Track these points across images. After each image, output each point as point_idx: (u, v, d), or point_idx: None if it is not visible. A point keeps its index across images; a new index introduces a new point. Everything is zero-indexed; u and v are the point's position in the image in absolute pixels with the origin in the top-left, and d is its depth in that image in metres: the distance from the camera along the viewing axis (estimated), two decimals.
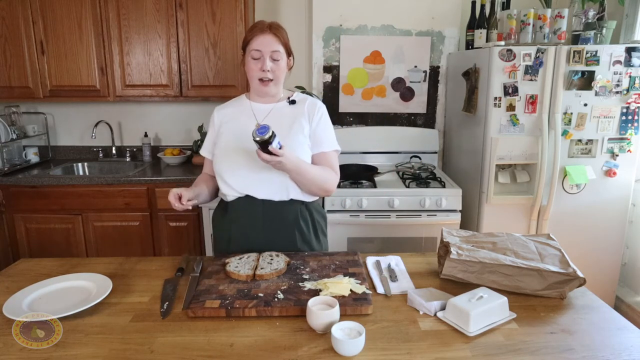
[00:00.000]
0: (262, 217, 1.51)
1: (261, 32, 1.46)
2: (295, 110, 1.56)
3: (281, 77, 1.52)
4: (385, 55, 3.03)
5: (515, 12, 2.55)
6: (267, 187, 1.50)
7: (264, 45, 1.45)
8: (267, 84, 1.49)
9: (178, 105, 3.17)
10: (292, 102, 1.57)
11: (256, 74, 1.48)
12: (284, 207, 1.52)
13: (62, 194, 2.66)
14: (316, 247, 1.61)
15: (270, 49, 1.46)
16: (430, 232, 2.50)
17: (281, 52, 1.48)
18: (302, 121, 1.53)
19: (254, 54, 1.46)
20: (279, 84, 1.54)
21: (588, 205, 2.51)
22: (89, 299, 1.20)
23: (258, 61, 1.47)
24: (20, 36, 2.74)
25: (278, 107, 1.56)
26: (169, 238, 2.74)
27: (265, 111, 1.55)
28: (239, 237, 1.54)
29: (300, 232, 1.56)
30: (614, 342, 1.05)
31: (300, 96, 1.61)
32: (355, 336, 0.99)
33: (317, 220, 1.62)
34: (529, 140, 2.41)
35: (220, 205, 1.63)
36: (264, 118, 1.54)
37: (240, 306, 1.14)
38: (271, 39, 1.46)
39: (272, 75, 1.48)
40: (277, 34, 1.47)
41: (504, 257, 1.28)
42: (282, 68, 1.50)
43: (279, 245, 1.51)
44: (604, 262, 2.58)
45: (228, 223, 1.56)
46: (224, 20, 2.75)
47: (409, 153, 3.04)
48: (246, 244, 1.52)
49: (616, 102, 2.38)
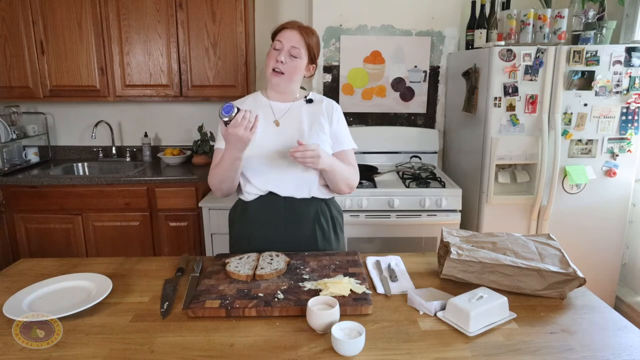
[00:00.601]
0: (284, 215, 1.53)
1: (291, 27, 1.49)
2: (313, 109, 1.58)
3: (294, 75, 1.51)
4: (385, 55, 3.03)
5: (515, 12, 2.55)
6: (290, 185, 1.52)
7: (286, 38, 1.47)
8: (277, 75, 1.49)
9: (178, 105, 3.17)
10: (309, 100, 1.59)
11: (271, 63, 1.49)
12: (305, 204, 1.55)
13: (62, 194, 2.66)
14: (334, 244, 1.63)
15: (291, 44, 1.47)
16: (430, 232, 2.50)
17: (301, 52, 1.48)
18: (321, 120, 1.55)
19: (275, 45, 1.49)
20: (291, 82, 1.52)
21: (588, 205, 2.51)
22: (89, 299, 1.20)
23: (277, 52, 1.48)
24: (20, 36, 2.74)
25: (296, 106, 1.57)
26: (169, 238, 2.74)
27: (284, 110, 1.56)
28: (260, 236, 1.54)
29: (321, 228, 1.58)
30: (614, 342, 1.05)
31: (317, 96, 1.62)
32: (355, 336, 0.99)
33: (335, 216, 1.64)
34: (529, 140, 2.41)
35: (239, 206, 1.63)
36: (282, 116, 1.55)
37: (240, 306, 1.14)
38: (297, 36, 1.48)
39: (284, 68, 1.47)
40: (304, 33, 1.49)
41: (504, 257, 1.28)
42: (297, 67, 1.50)
43: (300, 243, 1.53)
44: (604, 262, 2.58)
45: (249, 222, 1.57)
46: (224, 20, 2.75)
47: (409, 153, 3.04)
48: (267, 243, 1.52)
49: (616, 102, 2.38)
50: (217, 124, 1.49)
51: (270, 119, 1.54)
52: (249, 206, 1.57)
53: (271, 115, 1.55)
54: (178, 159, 3.01)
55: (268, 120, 1.54)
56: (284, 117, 1.55)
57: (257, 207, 1.55)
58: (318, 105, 1.59)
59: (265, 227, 1.54)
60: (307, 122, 1.54)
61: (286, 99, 1.58)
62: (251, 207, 1.57)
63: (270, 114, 1.55)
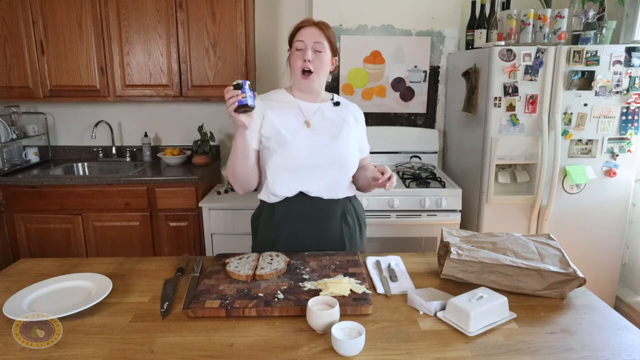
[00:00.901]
0: (312, 215, 1.54)
1: (308, 24, 1.50)
2: (340, 112, 1.59)
3: (322, 71, 1.51)
4: (385, 55, 3.03)
5: (515, 12, 2.55)
6: (320, 185, 1.52)
7: (307, 36, 1.48)
8: (307, 75, 1.49)
9: (178, 105, 3.17)
10: (336, 103, 1.61)
11: (299, 65, 1.49)
12: (332, 204, 1.56)
13: (62, 194, 2.66)
14: (359, 243, 1.64)
15: (313, 40, 1.47)
16: (430, 232, 2.50)
17: (324, 45, 1.49)
18: (350, 123, 1.58)
19: (297, 45, 1.49)
20: (320, 79, 1.53)
21: (588, 205, 2.51)
22: (89, 299, 1.20)
23: (301, 52, 1.48)
24: (20, 36, 2.74)
25: (324, 107, 1.58)
26: (169, 238, 2.74)
27: (313, 110, 1.56)
28: (287, 237, 1.54)
29: (348, 227, 1.59)
30: (614, 342, 1.05)
31: (342, 99, 1.64)
32: (355, 336, 0.99)
33: (360, 214, 1.66)
34: (529, 140, 2.41)
35: (264, 209, 1.59)
36: (312, 116, 1.55)
37: (240, 306, 1.14)
38: (316, 31, 1.49)
39: (313, 66, 1.48)
40: (323, 28, 1.50)
41: (504, 257, 1.28)
42: (324, 61, 1.50)
43: (327, 242, 1.54)
44: (604, 262, 2.58)
45: (276, 224, 1.55)
46: (224, 20, 2.75)
47: (409, 153, 3.04)
48: (295, 244, 1.53)
49: (616, 102, 2.38)
50: (217, 124, 1.49)
51: (301, 119, 1.54)
52: (276, 208, 1.55)
53: (301, 116, 1.55)
54: (178, 159, 3.01)
55: (299, 121, 1.53)
56: (313, 118, 1.55)
57: (284, 208, 1.54)
58: (345, 108, 1.61)
59: (294, 228, 1.54)
60: (337, 124, 1.56)
61: (314, 99, 1.58)
62: (278, 208, 1.55)
63: (300, 115, 1.55)
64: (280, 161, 1.48)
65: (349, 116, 1.59)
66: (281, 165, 1.49)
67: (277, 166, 1.49)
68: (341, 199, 1.58)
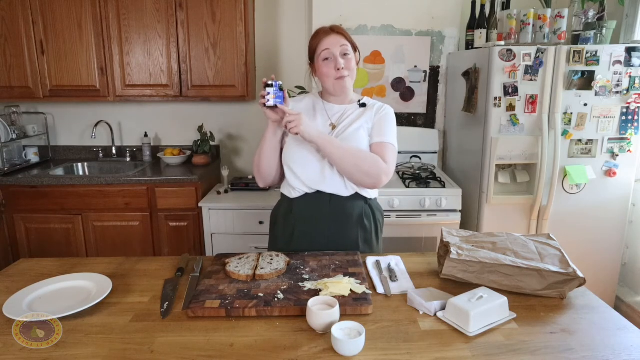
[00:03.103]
0: (329, 213, 1.54)
1: (326, 34, 1.52)
2: (364, 112, 1.59)
3: (354, 72, 1.55)
4: (385, 55, 3.03)
5: (515, 12, 2.55)
6: (336, 182, 1.52)
7: (331, 44, 1.49)
8: (343, 79, 1.51)
9: (178, 105, 3.17)
10: (362, 105, 1.60)
11: (332, 74, 1.51)
12: (349, 204, 1.55)
13: (62, 194, 2.66)
14: (375, 247, 1.63)
15: (339, 46, 1.50)
16: (430, 232, 2.50)
17: (349, 47, 1.51)
18: (367, 119, 1.57)
19: (324, 54, 1.50)
20: (354, 78, 1.56)
21: (588, 205, 2.51)
22: (89, 299, 1.20)
23: (330, 61, 1.50)
24: (20, 36, 2.74)
25: (349, 109, 1.59)
26: (169, 238, 2.74)
27: (339, 112, 1.59)
28: (303, 235, 1.56)
29: (364, 230, 1.58)
30: (614, 342, 1.05)
31: (370, 100, 1.63)
32: (355, 336, 0.99)
33: (377, 218, 1.64)
34: (529, 140, 2.41)
35: (283, 204, 1.64)
36: (337, 119, 1.57)
37: (240, 306, 1.14)
38: (337, 37, 1.51)
39: (347, 71, 1.51)
40: (341, 32, 1.53)
41: (504, 257, 1.28)
42: (353, 63, 1.54)
43: (343, 243, 1.54)
44: (604, 262, 2.58)
45: (293, 220, 1.58)
46: (224, 20, 2.75)
47: (409, 153, 3.04)
48: (309, 242, 1.54)
49: (616, 102, 2.38)
50: (217, 124, 1.51)
51: (327, 121, 1.58)
52: (295, 203, 1.58)
53: (327, 119, 1.58)
54: (178, 159, 3.01)
55: (325, 123, 1.57)
56: (338, 120, 1.57)
57: (303, 204, 1.56)
58: (370, 108, 1.60)
59: (310, 226, 1.55)
60: (355, 126, 1.55)
61: (342, 101, 1.60)
62: (297, 203, 1.57)
63: (326, 117, 1.59)
64: (298, 157, 1.51)
65: (370, 114, 1.58)
66: (299, 162, 1.52)
67: (295, 162, 1.52)
68: (358, 200, 1.57)
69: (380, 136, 1.54)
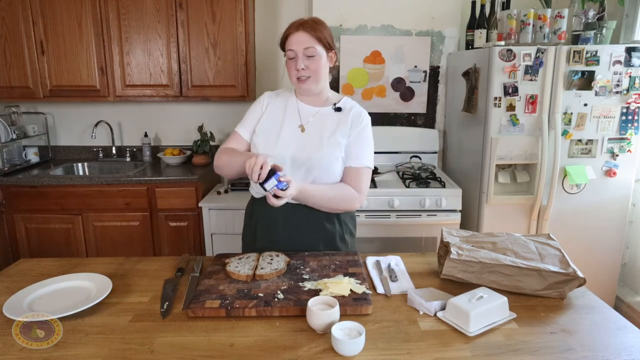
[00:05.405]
0: (288, 217, 1.51)
1: (295, 30, 1.44)
2: (339, 118, 1.52)
3: (320, 74, 1.47)
4: (385, 55, 3.03)
5: (515, 12, 2.55)
6: None
7: (296, 43, 1.43)
8: (304, 81, 1.47)
9: (178, 105, 3.17)
10: (337, 109, 1.54)
11: (293, 74, 1.47)
12: (310, 212, 1.51)
13: (62, 194, 2.66)
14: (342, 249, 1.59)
15: (303, 47, 1.43)
16: (430, 232, 2.50)
17: (316, 49, 1.43)
18: (343, 132, 1.50)
19: (289, 54, 1.46)
20: (320, 81, 1.49)
21: (588, 205, 2.51)
22: (89, 299, 1.20)
23: (293, 61, 1.45)
24: (20, 36, 2.74)
25: (323, 112, 1.53)
26: (169, 238, 2.74)
27: (310, 114, 1.53)
28: (264, 236, 1.55)
29: (326, 233, 1.55)
30: (614, 342, 1.05)
31: (348, 103, 1.57)
32: (355, 336, 0.99)
33: (343, 220, 1.60)
34: (529, 140, 2.41)
35: (250, 203, 1.64)
36: (308, 122, 1.52)
37: (240, 306, 1.14)
38: (304, 36, 1.43)
39: (308, 73, 1.45)
40: (310, 30, 1.43)
41: (504, 257, 1.28)
42: (319, 65, 1.45)
43: (303, 246, 1.52)
44: (604, 262, 2.58)
45: (255, 221, 1.58)
46: (224, 20, 2.75)
47: (409, 153, 3.04)
48: (271, 244, 1.52)
49: (616, 102, 2.38)
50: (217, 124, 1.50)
51: (297, 123, 1.52)
52: (256, 204, 1.58)
53: (297, 120, 1.53)
54: (178, 159, 3.01)
55: (294, 124, 1.52)
56: (309, 122, 1.52)
57: (262, 205, 1.53)
58: (345, 114, 1.52)
59: (269, 228, 1.54)
60: (330, 130, 1.50)
61: (316, 102, 1.54)
62: (257, 205, 1.57)
63: (297, 118, 1.53)
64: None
65: (345, 123, 1.51)
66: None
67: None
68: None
69: (358, 159, 1.50)
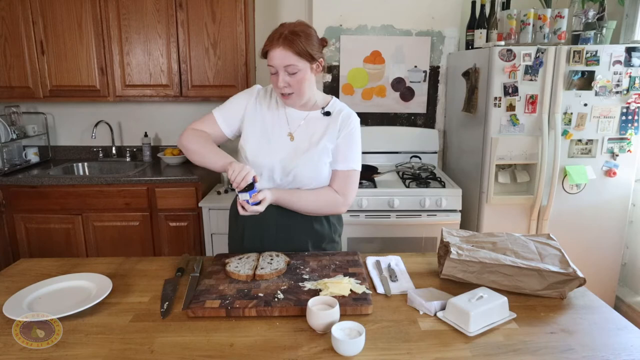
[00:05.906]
0: (276, 219, 1.50)
1: (275, 44, 1.35)
2: (328, 122, 1.50)
3: (303, 89, 1.42)
4: (385, 55, 3.03)
5: (515, 12, 2.55)
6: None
7: (275, 59, 1.36)
8: (287, 97, 1.43)
9: (178, 105, 3.17)
10: (326, 113, 1.50)
11: (276, 89, 1.43)
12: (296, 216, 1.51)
13: (62, 194, 2.66)
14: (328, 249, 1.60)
15: (283, 64, 1.36)
16: (430, 232, 2.50)
17: (296, 65, 1.36)
18: (331, 135, 1.48)
19: (270, 69, 1.40)
20: (303, 95, 1.44)
21: (588, 205, 2.51)
22: (89, 299, 1.20)
23: (275, 76, 1.39)
24: (20, 36, 2.74)
25: (311, 117, 1.50)
26: (169, 238, 2.74)
27: (299, 119, 1.50)
28: (252, 237, 1.54)
29: (315, 235, 1.55)
30: (614, 342, 1.05)
31: (337, 106, 1.53)
32: (355, 336, 0.99)
33: (332, 222, 1.60)
34: (529, 140, 2.41)
35: (235, 204, 1.60)
36: (297, 128, 1.49)
37: (240, 306, 1.14)
38: (283, 52, 1.34)
39: (290, 89, 1.40)
40: (289, 46, 1.34)
41: (504, 257, 1.28)
42: (300, 80, 1.39)
43: (292, 246, 1.52)
44: (604, 262, 2.58)
45: (242, 222, 1.55)
46: (224, 20, 2.75)
47: (409, 153, 3.04)
48: (259, 245, 1.52)
49: (616, 102, 2.38)
50: None
51: (285, 131, 1.49)
52: None
53: (286, 127, 1.49)
54: (178, 159, 3.01)
55: (283, 133, 1.48)
56: (299, 128, 1.49)
57: None
58: (334, 118, 1.50)
59: (258, 229, 1.53)
60: (317, 139, 1.47)
61: (304, 107, 1.50)
62: None
63: (285, 125, 1.49)
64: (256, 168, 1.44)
65: (334, 126, 1.49)
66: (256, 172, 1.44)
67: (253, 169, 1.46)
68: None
69: (345, 162, 1.49)
